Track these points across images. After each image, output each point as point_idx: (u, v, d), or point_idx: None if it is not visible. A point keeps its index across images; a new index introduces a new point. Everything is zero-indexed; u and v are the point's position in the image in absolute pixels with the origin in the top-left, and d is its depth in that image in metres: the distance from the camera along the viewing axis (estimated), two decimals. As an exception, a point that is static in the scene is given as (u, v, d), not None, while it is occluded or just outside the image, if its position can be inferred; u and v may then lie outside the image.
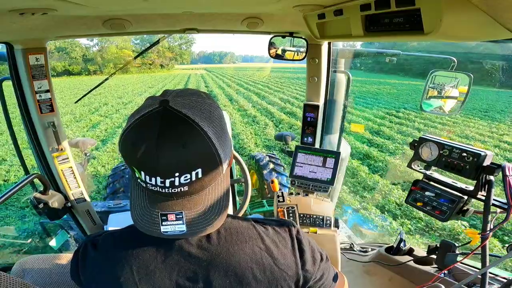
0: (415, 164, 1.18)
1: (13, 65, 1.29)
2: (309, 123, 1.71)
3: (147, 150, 0.49)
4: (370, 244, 1.84)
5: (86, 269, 0.62)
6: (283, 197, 1.48)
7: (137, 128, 0.52)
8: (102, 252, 0.61)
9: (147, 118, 0.51)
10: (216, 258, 0.58)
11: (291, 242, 0.63)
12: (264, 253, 0.60)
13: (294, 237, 0.64)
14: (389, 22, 0.84)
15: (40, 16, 0.92)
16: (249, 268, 0.58)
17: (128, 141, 0.52)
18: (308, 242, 0.66)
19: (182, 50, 64.69)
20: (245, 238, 0.61)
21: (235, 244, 0.59)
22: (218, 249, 0.59)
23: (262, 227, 0.64)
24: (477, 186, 0.97)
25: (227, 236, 0.60)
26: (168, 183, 0.52)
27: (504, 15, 0.58)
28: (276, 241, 0.62)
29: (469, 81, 1.37)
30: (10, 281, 0.74)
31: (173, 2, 1.03)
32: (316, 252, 0.66)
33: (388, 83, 26.43)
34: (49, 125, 1.39)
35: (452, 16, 0.64)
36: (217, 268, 0.58)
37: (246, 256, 0.59)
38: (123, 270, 0.58)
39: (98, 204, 2.55)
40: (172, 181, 0.51)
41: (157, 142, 0.49)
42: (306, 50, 1.55)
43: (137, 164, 0.52)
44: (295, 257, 0.62)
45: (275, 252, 0.60)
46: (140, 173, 0.53)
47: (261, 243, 0.61)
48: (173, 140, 0.49)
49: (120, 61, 45.69)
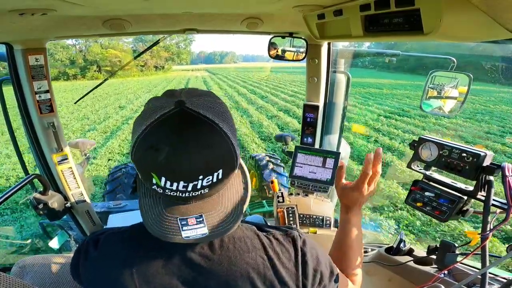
0: (415, 165, 1.18)
1: (12, 65, 1.29)
2: (309, 124, 1.71)
3: (169, 154, 0.47)
4: (369, 244, 1.83)
5: (87, 268, 0.61)
6: (282, 197, 1.48)
7: (155, 131, 0.49)
8: (102, 252, 0.60)
9: (165, 120, 0.48)
10: (217, 267, 0.57)
11: (294, 254, 0.61)
12: (267, 264, 0.58)
13: (299, 248, 0.61)
14: (388, 22, 0.84)
15: (39, 16, 0.92)
16: (249, 279, 0.57)
17: (146, 146, 0.49)
18: (314, 255, 0.63)
19: (180, 49, 55.31)
20: (248, 248, 0.59)
21: (238, 254, 0.58)
22: (220, 258, 0.57)
23: (266, 237, 0.62)
24: (477, 186, 0.97)
25: (229, 245, 0.59)
26: (191, 187, 0.50)
27: (504, 15, 0.58)
28: (279, 252, 0.60)
29: (469, 82, 1.37)
30: (9, 282, 0.73)
31: (173, 2, 1.03)
32: (323, 266, 0.63)
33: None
34: (48, 126, 1.39)
35: (452, 16, 0.64)
36: (217, 277, 0.57)
37: (248, 267, 0.57)
38: (123, 272, 0.57)
39: (98, 205, 2.55)
40: (195, 184, 0.50)
41: (181, 145, 0.47)
42: (306, 51, 1.55)
43: (157, 170, 0.49)
44: (297, 270, 0.60)
45: (277, 263, 0.59)
46: (159, 179, 0.50)
47: (264, 254, 0.59)
48: (196, 142, 0.48)
49: (105, 62, 38.79)
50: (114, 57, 38.78)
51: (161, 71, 49.02)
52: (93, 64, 39.11)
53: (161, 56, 48.97)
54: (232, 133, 0.53)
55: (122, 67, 12.45)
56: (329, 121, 1.90)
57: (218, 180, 0.52)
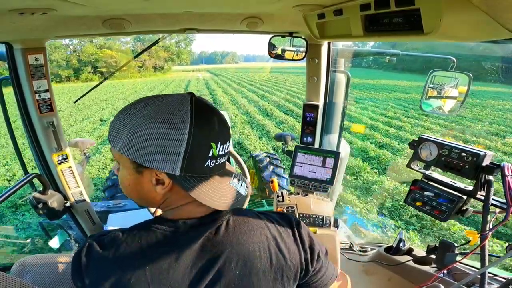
0: (415, 164, 1.18)
1: (12, 65, 1.29)
2: (308, 123, 1.71)
3: (218, 122, 0.57)
4: (369, 244, 1.84)
5: (92, 270, 0.58)
6: (282, 197, 1.48)
7: (197, 112, 0.55)
8: (110, 252, 0.58)
9: (195, 103, 0.56)
10: (226, 249, 0.59)
11: (292, 232, 0.66)
12: (271, 242, 0.62)
13: (295, 228, 0.67)
14: (389, 22, 0.84)
15: (39, 16, 0.92)
16: (257, 257, 0.60)
17: (203, 122, 0.55)
18: (307, 234, 0.68)
19: (180, 48, 52.77)
20: (253, 227, 0.63)
21: (244, 233, 0.61)
22: (228, 239, 0.60)
23: (266, 218, 0.67)
24: (476, 186, 0.97)
25: (235, 226, 0.62)
26: (225, 149, 0.59)
27: (504, 15, 0.58)
28: (280, 230, 0.65)
29: (469, 81, 1.37)
30: (9, 281, 0.74)
31: (173, 2, 1.02)
32: (315, 244, 0.68)
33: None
34: (48, 125, 1.39)
35: (452, 16, 0.64)
36: (227, 259, 0.58)
37: (254, 245, 0.60)
38: (134, 270, 0.55)
39: (98, 204, 2.55)
40: (225, 147, 0.59)
41: (216, 117, 0.57)
42: (306, 50, 1.55)
43: (216, 136, 0.56)
44: (297, 246, 0.65)
45: (280, 241, 0.63)
46: (216, 146, 0.56)
47: (268, 232, 0.63)
48: (220, 116, 0.58)
49: (100, 63, 36.96)
50: (109, 58, 37.30)
51: (160, 72, 47.10)
52: (87, 65, 37.37)
53: (160, 56, 47.04)
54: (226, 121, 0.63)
55: (121, 67, 12.08)
56: (329, 120, 1.90)
57: (228, 150, 0.61)
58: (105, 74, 31.47)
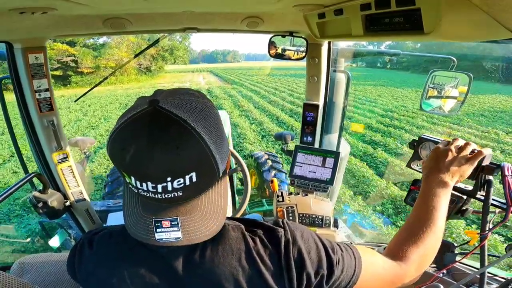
0: (415, 164, 1.18)
1: (12, 64, 1.29)
2: (308, 123, 1.71)
3: (136, 154, 0.47)
4: (369, 243, 1.84)
5: (82, 266, 0.62)
6: (282, 196, 1.48)
7: (125, 130, 0.48)
8: (97, 252, 0.61)
9: (136, 119, 0.48)
10: (198, 269, 0.57)
11: (277, 256, 0.57)
12: (249, 267, 0.56)
13: (282, 250, 0.57)
14: (389, 22, 0.84)
15: (40, 15, 0.92)
16: (233, 281, 0.56)
17: (116, 144, 0.49)
18: (307, 251, 0.59)
19: (174, 42, 38.70)
20: (232, 250, 0.57)
21: (221, 256, 0.57)
22: (203, 260, 0.57)
23: (251, 238, 0.59)
24: (476, 186, 0.97)
25: (213, 247, 0.57)
26: (160, 188, 0.49)
27: (504, 15, 0.58)
28: (263, 254, 0.57)
29: (469, 81, 1.37)
30: (9, 281, 0.74)
31: (173, 2, 1.02)
32: (322, 260, 0.59)
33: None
34: (48, 124, 1.39)
35: (452, 16, 0.64)
36: (199, 279, 0.57)
37: (231, 269, 0.56)
38: (117, 272, 0.58)
39: (97, 203, 2.55)
40: (165, 186, 0.48)
41: (146, 145, 0.46)
42: (306, 50, 1.55)
43: (126, 169, 0.49)
44: (280, 271, 0.57)
45: (261, 266, 0.56)
46: (130, 178, 0.50)
47: (248, 256, 0.57)
48: (164, 143, 0.46)
49: (51, 63, 22.42)
50: (64, 55, 24.45)
51: (148, 74, 32.91)
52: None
53: (144, 54, 27.11)
54: (210, 135, 0.50)
55: (120, 67, 11.47)
56: (329, 120, 1.90)
57: (192, 183, 0.50)
58: (57, 80, 23.16)
